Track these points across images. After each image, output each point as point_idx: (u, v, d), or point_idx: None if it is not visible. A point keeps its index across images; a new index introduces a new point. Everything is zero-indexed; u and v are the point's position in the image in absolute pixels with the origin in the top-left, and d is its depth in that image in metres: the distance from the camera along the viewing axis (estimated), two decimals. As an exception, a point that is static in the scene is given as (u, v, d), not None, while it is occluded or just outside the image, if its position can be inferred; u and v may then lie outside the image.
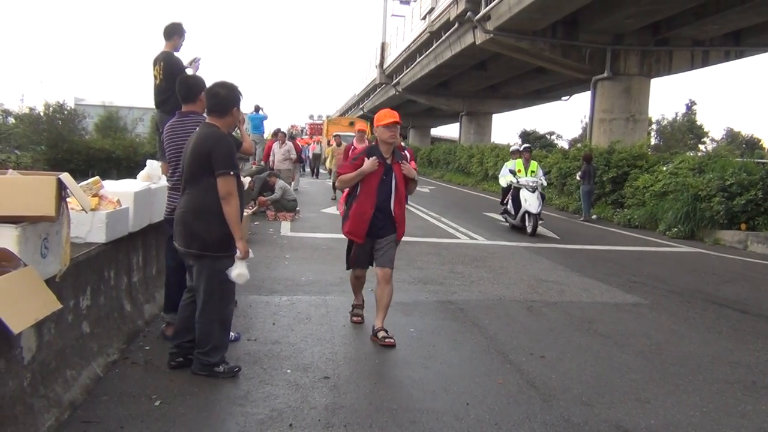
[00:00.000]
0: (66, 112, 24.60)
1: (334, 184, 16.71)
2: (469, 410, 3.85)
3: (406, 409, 3.83)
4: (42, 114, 23.52)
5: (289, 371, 4.34)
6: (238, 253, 4.05)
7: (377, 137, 5.17)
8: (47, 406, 3.31)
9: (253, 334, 5.10)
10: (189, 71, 6.49)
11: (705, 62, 23.99)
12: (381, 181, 5.09)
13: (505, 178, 13.66)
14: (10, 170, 3.28)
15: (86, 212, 3.72)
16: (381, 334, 5.09)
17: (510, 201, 13.05)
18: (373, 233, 5.19)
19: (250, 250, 4.12)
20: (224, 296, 4.20)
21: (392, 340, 5.03)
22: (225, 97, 4.18)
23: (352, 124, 35.06)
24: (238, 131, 5.10)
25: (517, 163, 13.42)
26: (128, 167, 20.65)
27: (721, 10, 18.99)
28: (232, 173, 3.99)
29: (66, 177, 3.20)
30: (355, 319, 5.67)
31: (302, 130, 45.18)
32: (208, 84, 4.56)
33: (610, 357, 5.03)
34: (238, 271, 4.05)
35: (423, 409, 3.84)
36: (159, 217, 5.57)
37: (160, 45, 6.51)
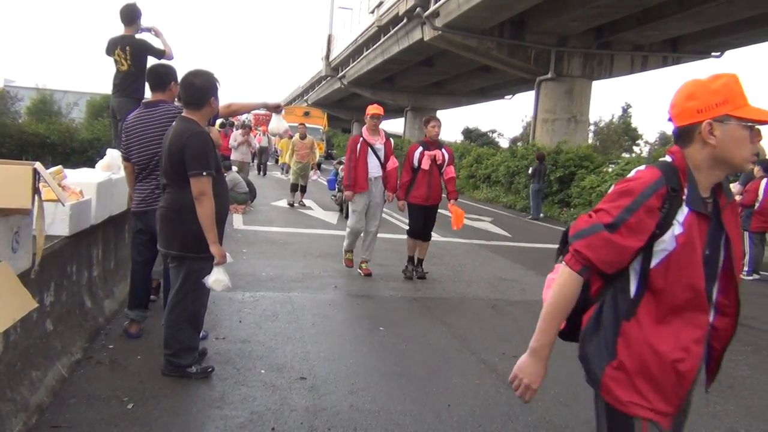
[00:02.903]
0: (-3, 94, 23.41)
1: (294, 185, 14.40)
2: (451, 412, 3.81)
3: (387, 410, 3.76)
4: (-29, 95, 22.31)
5: (263, 371, 4.20)
6: (215, 259, 3.85)
7: (717, 147, 1.90)
8: (15, 410, 3.09)
9: (221, 332, 4.93)
10: (146, 35, 6.29)
11: (644, 66, 24.77)
12: (704, 257, 1.95)
13: None
14: (-24, 158, 3.03)
15: (63, 204, 3.50)
16: None
17: None
18: None
19: (227, 254, 3.93)
20: (198, 297, 4.02)
21: None
22: (201, 88, 3.89)
23: (307, 114, 33.36)
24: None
25: None
26: (64, 153, 19.83)
27: (662, 17, 19.62)
28: (204, 173, 3.72)
29: (40, 167, 2.98)
30: None
31: (244, 121, 43.98)
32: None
33: (579, 357, 5.08)
34: (215, 278, 3.84)
35: (405, 411, 3.77)
36: (119, 209, 5.35)
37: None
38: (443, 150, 7.37)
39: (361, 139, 7.38)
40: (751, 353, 5.51)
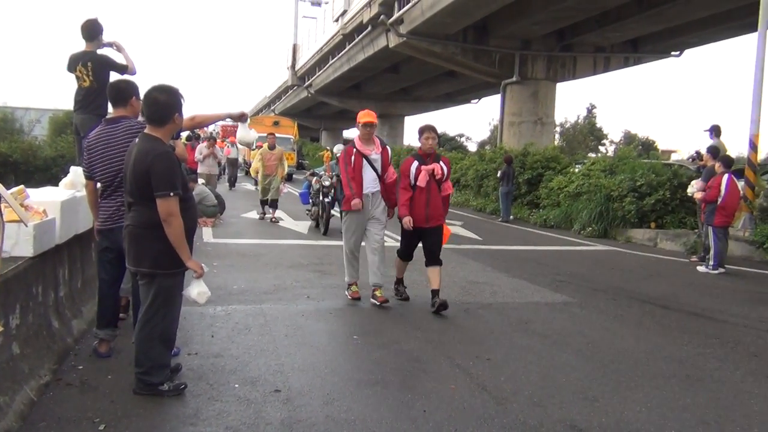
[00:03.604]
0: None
1: (264, 201, 13.62)
2: (427, 418, 3.81)
3: (363, 420, 3.75)
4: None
5: (237, 386, 4.17)
6: (193, 273, 3.87)
7: None
8: (-18, 438, 3.03)
9: (193, 347, 4.88)
10: (108, 50, 6.24)
11: (606, 68, 25.24)
12: None
13: None
14: (-66, 180, 2.97)
15: (26, 225, 3.44)
16: None
17: None
18: None
19: (203, 265, 3.93)
20: (168, 313, 3.97)
21: None
22: (165, 104, 3.85)
23: (276, 123, 32.72)
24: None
25: None
26: (27, 171, 19.47)
27: (621, 18, 20.02)
28: (171, 194, 3.69)
29: (0, 188, 2.93)
30: None
31: (210, 133, 43.41)
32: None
33: (552, 357, 5.13)
34: (198, 290, 3.89)
35: (381, 419, 3.77)
36: (84, 227, 5.27)
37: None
38: (441, 163, 6.50)
39: (354, 150, 6.55)
40: (718, 346, 5.62)
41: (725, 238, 9.79)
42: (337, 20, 30.81)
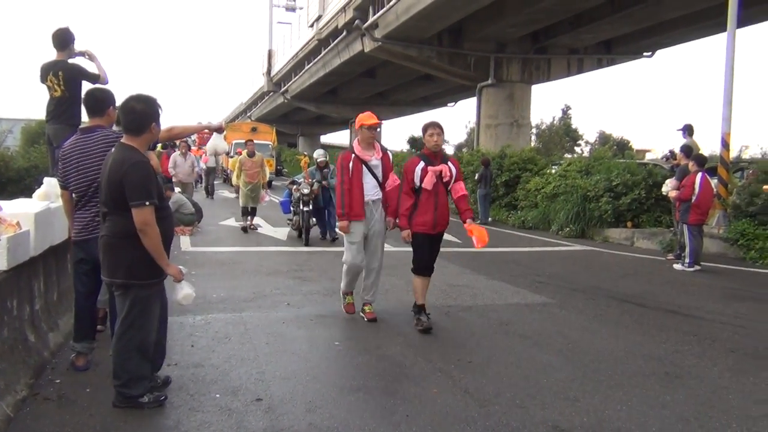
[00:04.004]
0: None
1: (245, 208, 13.09)
2: (410, 423, 3.81)
3: (346, 426, 3.74)
4: None
5: (218, 396, 4.14)
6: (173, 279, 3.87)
7: None
8: (-43, 456, 2.97)
9: (173, 358, 4.82)
10: (79, 60, 6.19)
11: (580, 69, 25.45)
12: None
13: None
14: None
15: (-1, 239, 3.39)
16: None
17: None
18: None
19: (181, 268, 3.93)
20: (145, 324, 3.92)
21: None
22: (142, 113, 3.82)
23: (254, 129, 32.21)
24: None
25: None
26: (-1, 183, 19.20)
27: (594, 20, 20.23)
28: (147, 203, 3.66)
29: (-28, 201, 2.88)
30: None
31: (186, 141, 42.94)
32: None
33: (533, 358, 5.16)
34: (184, 293, 3.92)
35: (364, 426, 3.76)
36: (59, 239, 5.21)
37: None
38: (449, 163, 5.98)
39: (353, 155, 6.07)
40: (696, 342, 5.68)
41: (700, 236, 9.92)
42: (312, 25, 30.76)
